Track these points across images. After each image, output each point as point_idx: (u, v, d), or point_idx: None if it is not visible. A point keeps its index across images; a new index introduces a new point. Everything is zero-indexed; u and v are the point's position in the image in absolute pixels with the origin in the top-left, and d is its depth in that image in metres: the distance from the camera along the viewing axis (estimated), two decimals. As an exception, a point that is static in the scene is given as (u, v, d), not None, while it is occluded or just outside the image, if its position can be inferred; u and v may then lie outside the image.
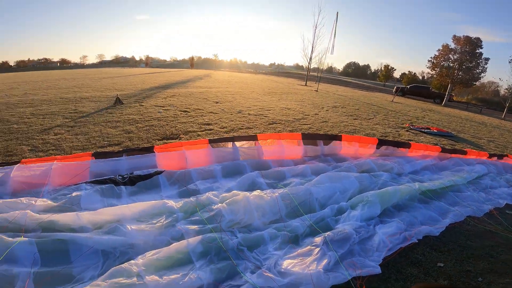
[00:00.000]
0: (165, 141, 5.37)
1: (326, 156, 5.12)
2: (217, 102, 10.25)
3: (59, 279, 2.01)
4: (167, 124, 6.57)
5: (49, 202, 2.78)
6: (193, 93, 12.56)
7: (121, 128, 6.08)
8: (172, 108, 8.62)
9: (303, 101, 13.22)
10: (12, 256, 2.07)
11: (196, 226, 2.69)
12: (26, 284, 1.91)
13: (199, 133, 6.03)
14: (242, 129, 6.61)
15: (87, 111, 7.84)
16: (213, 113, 8.24)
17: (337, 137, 5.16)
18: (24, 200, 2.71)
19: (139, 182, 3.36)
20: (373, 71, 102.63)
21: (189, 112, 8.14)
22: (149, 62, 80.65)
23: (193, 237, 2.47)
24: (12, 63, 74.47)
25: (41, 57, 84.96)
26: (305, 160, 4.88)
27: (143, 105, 8.82)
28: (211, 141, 4.36)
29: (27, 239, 2.19)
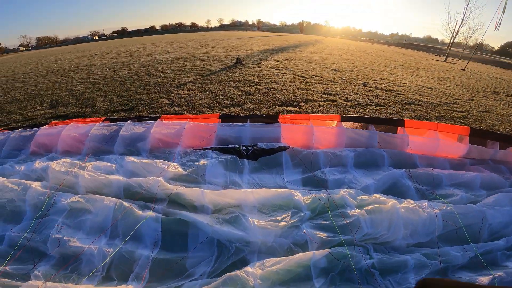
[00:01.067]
0: (285, 108, 4.98)
1: (497, 163, 3.52)
2: (335, 70, 9.09)
3: (172, 273, 1.92)
4: (286, 89, 6.15)
5: (179, 169, 2.80)
6: (308, 58, 11.68)
7: (242, 88, 6.07)
8: (289, 71, 8.14)
9: (447, 80, 10.21)
10: (139, 233, 2.11)
11: (324, 234, 2.15)
12: (144, 276, 1.88)
13: (321, 103, 5.34)
14: (371, 105, 5.48)
15: (213, 69, 8.34)
16: (333, 82, 7.27)
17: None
18: (159, 163, 2.80)
19: (262, 157, 3.06)
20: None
21: (307, 78, 7.46)
22: (260, 26, 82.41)
23: (320, 250, 1.98)
24: (157, 27, 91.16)
25: (177, 22, 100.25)
26: (466, 164, 3.49)
27: (260, 67, 8.70)
28: (343, 119, 3.60)
29: (154, 214, 2.19)
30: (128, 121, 3.71)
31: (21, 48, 70.51)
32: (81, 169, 2.84)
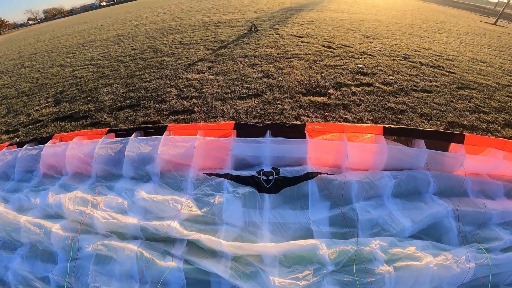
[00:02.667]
0: (311, 98, 4.18)
1: None
2: (368, 37, 7.76)
3: None
4: (311, 67, 5.25)
5: (194, 208, 2.34)
6: (333, 20, 10.15)
7: (259, 68, 5.24)
8: (313, 40, 7.02)
9: (502, 50, 8.40)
10: (165, 281, 1.96)
11: None
12: None
13: (354, 89, 4.46)
14: (416, 90, 4.51)
15: (225, 39, 7.37)
16: (367, 54, 6.16)
17: None
18: (171, 202, 2.35)
19: (285, 187, 2.48)
20: None
21: (335, 49, 6.37)
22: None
23: None
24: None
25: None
26: None
27: (279, 34, 7.59)
28: (386, 131, 2.80)
29: (176, 265, 1.97)
30: (132, 136, 3.17)
31: (30, 22, 69.71)
32: (93, 207, 2.51)
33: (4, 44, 21.60)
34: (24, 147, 3.49)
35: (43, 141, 3.45)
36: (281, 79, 4.81)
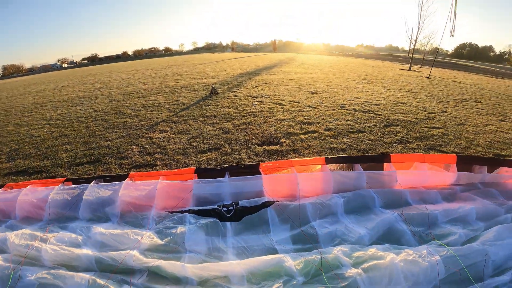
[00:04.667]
0: (265, 147, 4.70)
1: (487, 186, 3.47)
2: (312, 93, 9.11)
3: None
4: (265, 122, 5.93)
5: (155, 239, 2.44)
6: (283, 81, 11.72)
7: (219, 126, 5.76)
8: (266, 99, 7.99)
9: (416, 91, 10.59)
10: None
11: None
12: None
13: (302, 136, 5.14)
14: (352, 132, 5.38)
15: (187, 102, 8.00)
16: (312, 107, 7.19)
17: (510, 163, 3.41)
18: (131, 234, 2.42)
19: (246, 216, 2.74)
20: (497, 53, 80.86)
21: (285, 105, 7.33)
22: (234, 47, 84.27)
23: None
24: (130, 53, 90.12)
25: (151, 46, 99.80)
26: (457, 192, 3.39)
27: (236, 96, 8.50)
28: (328, 161, 3.38)
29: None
30: (92, 183, 3.25)
31: None
32: (42, 241, 2.43)
33: None
34: None
35: None
36: (239, 134, 5.34)
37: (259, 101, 7.80)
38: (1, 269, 2.19)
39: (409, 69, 21.29)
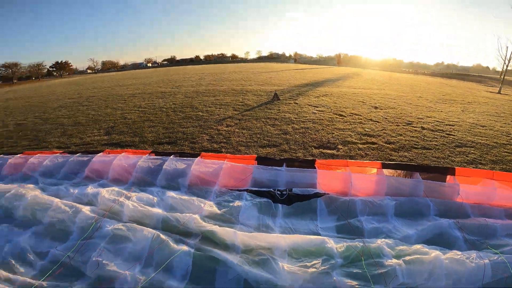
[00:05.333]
0: (322, 150, 4.89)
1: None
2: (376, 108, 8.85)
3: None
4: (323, 129, 6.10)
5: (214, 208, 2.92)
6: (346, 94, 11.60)
7: (279, 127, 6.16)
8: (327, 109, 8.12)
9: (502, 116, 9.28)
10: (171, 264, 2.24)
11: (355, 283, 2.05)
12: None
13: (360, 145, 5.17)
14: (417, 148, 5.15)
15: (251, 104, 8.67)
16: (374, 121, 7.05)
17: None
18: (196, 201, 2.95)
19: (296, 202, 3.03)
20: None
21: (345, 116, 7.35)
22: (297, 58, 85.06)
23: None
24: (201, 57, 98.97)
25: (219, 52, 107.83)
26: None
27: (297, 103, 8.83)
28: (384, 166, 3.43)
29: (187, 249, 2.31)
30: (171, 156, 3.97)
31: (88, 71, 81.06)
32: (126, 198, 3.11)
33: (66, 86, 25.21)
34: (77, 154, 4.39)
35: (94, 152, 4.35)
36: (297, 136, 5.64)
37: (319, 110, 7.97)
38: (86, 219, 2.82)
39: (499, 92, 18.56)
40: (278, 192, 3.15)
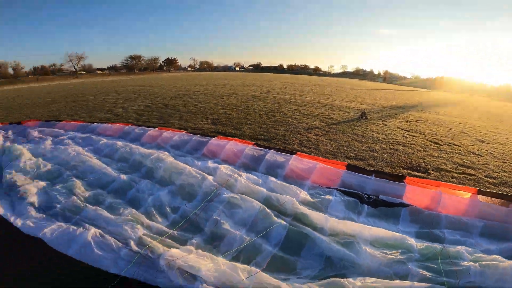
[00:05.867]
0: (410, 171, 4.93)
1: None
2: (482, 141, 7.92)
3: (284, 268, 2.53)
4: (414, 153, 6.00)
5: (308, 197, 3.58)
6: (445, 122, 10.59)
7: (366, 144, 6.35)
8: (420, 135, 7.77)
9: None
10: (269, 232, 2.91)
11: (428, 273, 2.30)
12: (266, 263, 2.57)
13: (454, 174, 4.95)
14: (526, 191, 4.62)
15: (337, 119, 8.99)
16: (476, 154, 6.44)
17: None
18: (294, 188, 3.65)
19: (381, 206, 3.39)
20: None
21: (441, 145, 6.93)
22: (387, 77, 78.62)
23: (418, 282, 2.15)
24: (285, 66, 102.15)
25: (302, 63, 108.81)
26: None
27: (386, 125, 8.69)
28: (480, 192, 3.41)
29: (284, 223, 2.96)
30: (272, 150, 4.81)
31: (189, 68, 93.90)
32: (238, 175, 4.03)
33: (174, 80, 30.38)
34: (198, 135, 5.72)
35: (210, 136, 5.57)
36: (385, 155, 5.75)
37: (411, 135, 7.70)
38: (210, 186, 3.77)
39: None
40: (366, 196, 3.58)
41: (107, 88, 21.37)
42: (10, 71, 57.20)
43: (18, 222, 3.18)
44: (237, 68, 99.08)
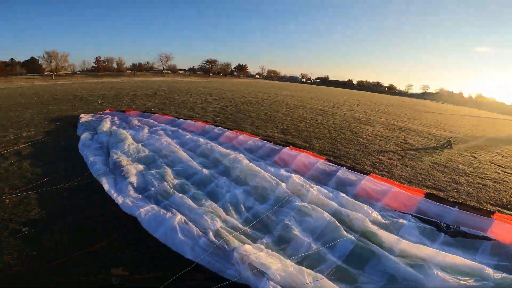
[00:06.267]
0: (499, 208, 4.34)
1: None
2: None
3: (346, 279, 2.61)
4: (506, 191, 5.22)
5: (379, 217, 3.59)
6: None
7: (449, 175, 5.80)
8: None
9: None
10: (337, 244, 3.04)
11: None
12: (329, 273, 2.67)
13: None
14: None
15: (414, 144, 8.35)
16: None
17: None
18: (365, 207, 3.72)
19: (460, 237, 3.19)
20: None
21: (546, 191, 5.82)
22: (478, 102, 67.53)
23: None
24: (354, 82, 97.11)
25: (374, 80, 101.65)
26: None
27: (476, 157, 7.69)
28: None
29: (353, 238, 3.07)
30: (344, 168, 4.87)
31: (256, 76, 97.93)
32: (310, 187, 4.22)
33: (244, 86, 32.28)
34: (270, 143, 6.13)
35: (282, 145, 5.87)
36: (470, 189, 5.16)
37: (505, 171, 6.65)
38: (283, 192, 4.01)
39: None
40: (445, 225, 3.41)
41: (188, 88, 24.09)
42: (115, 65, 68.93)
43: (119, 200, 3.81)
44: (304, 80, 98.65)
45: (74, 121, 9.24)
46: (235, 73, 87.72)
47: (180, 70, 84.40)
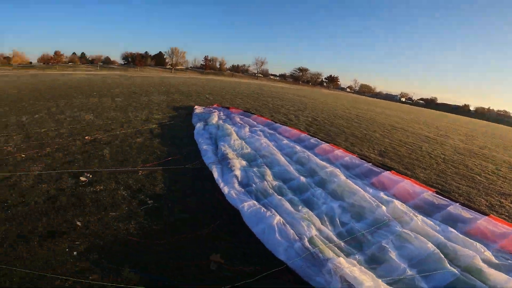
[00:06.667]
0: None
1: None
2: None
3: None
4: None
5: (492, 258, 3.30)
6: None
7: None
8: None
9: None
10: (433, 274, 2.93)
11: None
12: None
13: None
14: None
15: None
16: None
17: None
18: (477, 245, 3.43)
19: None
20: None
21: None
22: None
23: None
24: (471, 108, 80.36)
25: (500, 108, 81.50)
26: None
27: None
28: None
29: (455, 271, 2.94)
30: (457, 204, 4.38)
31: (348, 89, 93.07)
32: (414, 216, 3.98)
33: (334, 98, 30.86)
34: (369, 163, 5.97)
35: (382, 168, 5.65)
36: None
37: None
38: (382, 215, 3.89)
39: None
40: None
41: (280, 94, 25.16)
42: (217, 65, 77.82)
43: (225, 190, 4.28)
44: (403, 99, 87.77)
45: (189, 111, 11.10)
46: (324, 84, 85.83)
47: (272, 75, 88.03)
